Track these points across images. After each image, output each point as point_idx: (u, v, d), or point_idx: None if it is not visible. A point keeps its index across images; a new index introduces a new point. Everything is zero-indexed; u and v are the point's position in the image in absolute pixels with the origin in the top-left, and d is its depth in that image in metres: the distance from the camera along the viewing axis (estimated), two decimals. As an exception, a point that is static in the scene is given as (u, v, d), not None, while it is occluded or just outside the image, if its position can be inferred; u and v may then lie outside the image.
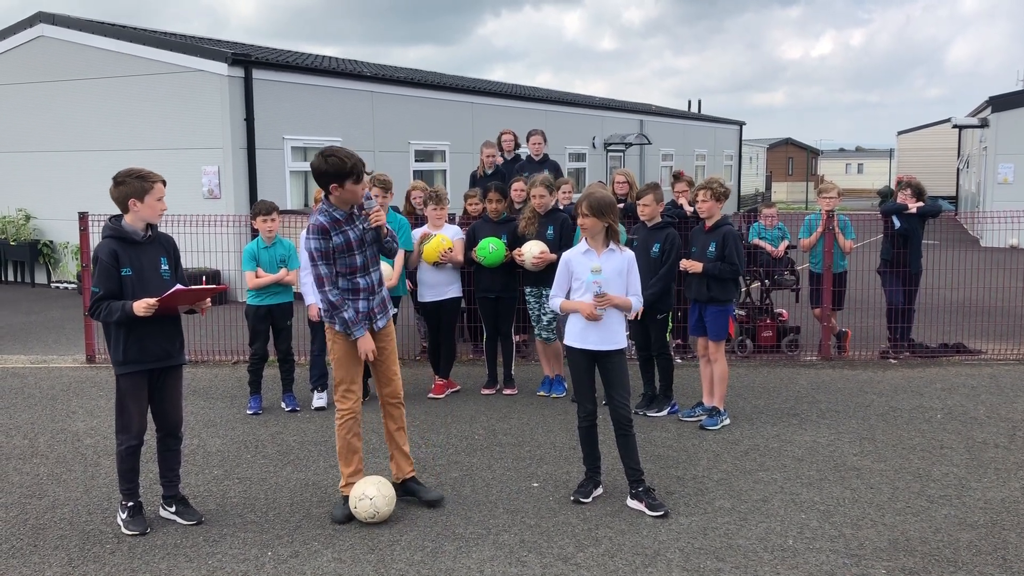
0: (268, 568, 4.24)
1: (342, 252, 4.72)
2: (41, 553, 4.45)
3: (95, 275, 4.60)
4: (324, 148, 4.76)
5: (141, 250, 4.66)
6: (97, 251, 4.62)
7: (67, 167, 15.30)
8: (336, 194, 4.69)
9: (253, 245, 7.10)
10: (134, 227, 4.65)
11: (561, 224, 7.41)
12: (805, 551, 4.39)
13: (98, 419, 6.93)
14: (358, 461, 4.90)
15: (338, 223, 4.72)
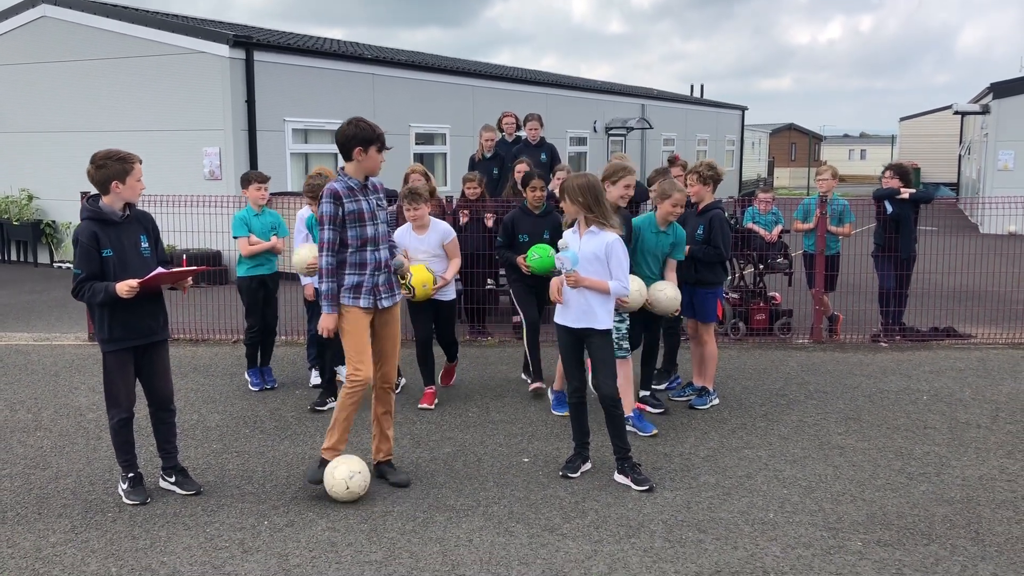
0: (264, 536, 4.38)
1: (354, 221, 4.82)
2: (45, 520, 4.59)
3: (76, 257, 4.68)
4: (348, 119, 4.90)
5: (120, 230, 4.74)
6: (77, 233, 4.68)
7: (69, 148, 15.39)
8: (359, 159, 4.81)
9: (244, 212, 7.22)
10: (112, 208, 4.73)
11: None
12: (785, 524, 4.52)
13: (99, 395, 7.03)
14: (341, 435, 4.99)
15: (352, 192, 4.84)
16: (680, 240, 6.19)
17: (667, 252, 6.14)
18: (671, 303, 6.03)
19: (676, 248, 6.19)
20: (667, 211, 6.07)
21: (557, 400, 6.46)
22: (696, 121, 33.63)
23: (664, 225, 6.13)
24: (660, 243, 6.12)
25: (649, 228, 6.12)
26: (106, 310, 4.64)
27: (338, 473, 4.78)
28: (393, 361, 5.11)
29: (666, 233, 6.14)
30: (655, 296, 5.98)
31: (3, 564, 4.10)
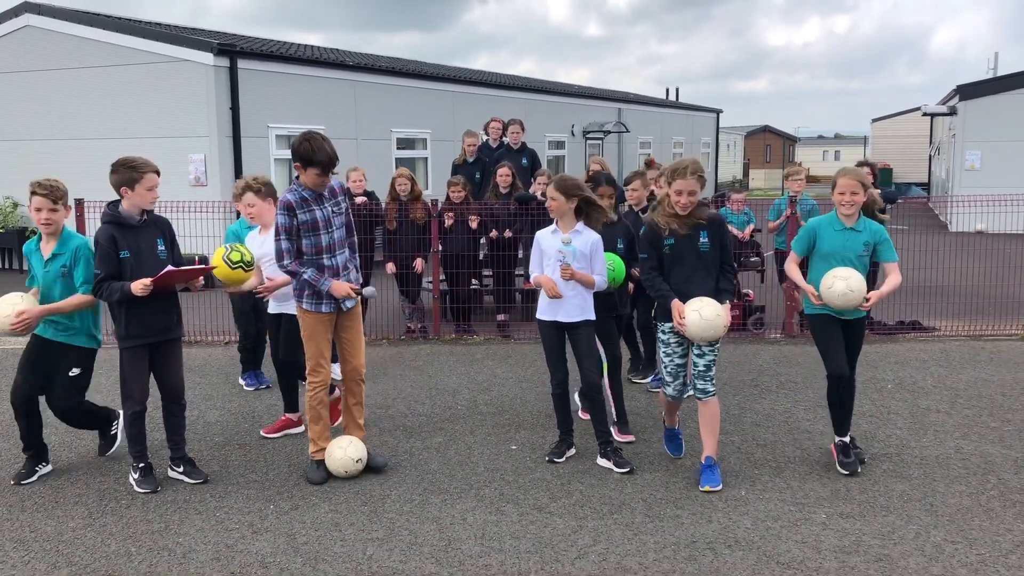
0: (271, 519, 4.68)
1: (308, 231, 5.04)
2: (63, 508, 4.87)
3: (96, 258, 4.99)
4: (307, 131, 5.06)
5: (138, 233, 5.04)
6: (97, 236, 5.01)
7: (54, 155, 15.54)
8: (299, 175, 5.04)
9: (236, 226, 7.46)
10: (130, 212, 5.04)
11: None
12: (755, 500, 4.88)
13: (101, 394, 7.31)
14: (324, 428, 5.30)
15: (306, 202, 5.05)
16: (882, 236, 5.21)
17: (861, 253, 5.15)
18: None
19: (883, 247, 5.21)
20: (841, 200, 5.15)
21: (669, 438, 5.60)
22: (672, 124, 34.12)
23: (850, 219, 5.17)
24: (850, 244, 5.15)
25: (831, 226, 5.22)
26: (123, 308, 4.93)
27: (337, 455, 5.13)
28: (359, 355, 5.35)
29: (855, 230, 5.18)
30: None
31: (28, 547, 4.38)
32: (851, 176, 5.16)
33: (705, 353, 5.09)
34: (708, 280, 5.02)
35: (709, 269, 5.03)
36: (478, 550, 4.28)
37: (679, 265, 5.02)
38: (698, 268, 5.01)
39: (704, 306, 4.86)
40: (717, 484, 5.02)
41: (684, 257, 5.01)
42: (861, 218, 5.21)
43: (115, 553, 4.29)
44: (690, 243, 5.00)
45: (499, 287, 9.86)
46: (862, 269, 5.11)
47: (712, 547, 4.31)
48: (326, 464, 5.20)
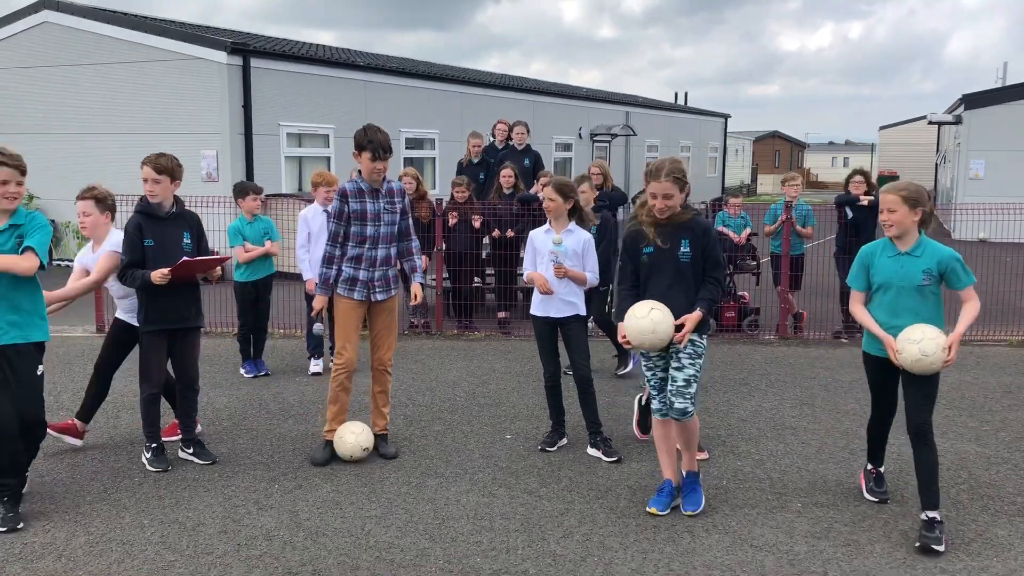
0: (276, 497, 4.95)
1: (356, 219, 5.40)
2: (80, 483, 5.15)
3: (123, 245, 5.29)
4: (368, 123, 5.47)
5: (164, 225, 5.34)
6: (126, 224, 5.32)
7: (69, 150, 15.89)
8: (356, 161, 5.40)
9: (237, 222, 7.85)
10: (158, 204, 5.33)
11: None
12: (736, 489, 5.13)
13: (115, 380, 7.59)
14: (340, 411, 5.59)
15: (360, 193, 5.41)
16: (948, 262, 4.40)
17: (922, 283, 4.39)
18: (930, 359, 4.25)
19: (951, 274, 4.41)
20: (881, 220, 4.51)
21: (660, 490, 4.90)
22: (679, 128, 34.34)
23: (902, 242, 4.43)
24: (907, 272, 4.42)
25: (884, 252, 4.51)
26: (145, 295, 5.22)
27: (349, 440, 5.41)
28: (387, 345, 5.67)
29: (911, 255, 4.42)
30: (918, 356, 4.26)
31: (48, 517, 4.65)
32: (890, 191, 4.39)
33: (684, 366, 4.58)
34: (688, 294, 4.58)
35: (689, 282, 4.59)
36: (470, 528, 4.55)
37: (656, 276, 4.62)
38: (677, 280, 4.58)
39: (653, 310, 4.47)
40: (699, 506, 4.74)
41: (662, 267, 4.61)
42: (921, 240, 4.42)
43: (129, 524, 4.57)
44: (670, 252, 4.60)
45: (501, 285, 10.12)
46: (927, 302, 4.40)
47: (691, 530, 4.56)
48: (335, 446, 5.46)
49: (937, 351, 4.25)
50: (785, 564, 4.19)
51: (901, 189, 4.41)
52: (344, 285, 5.46)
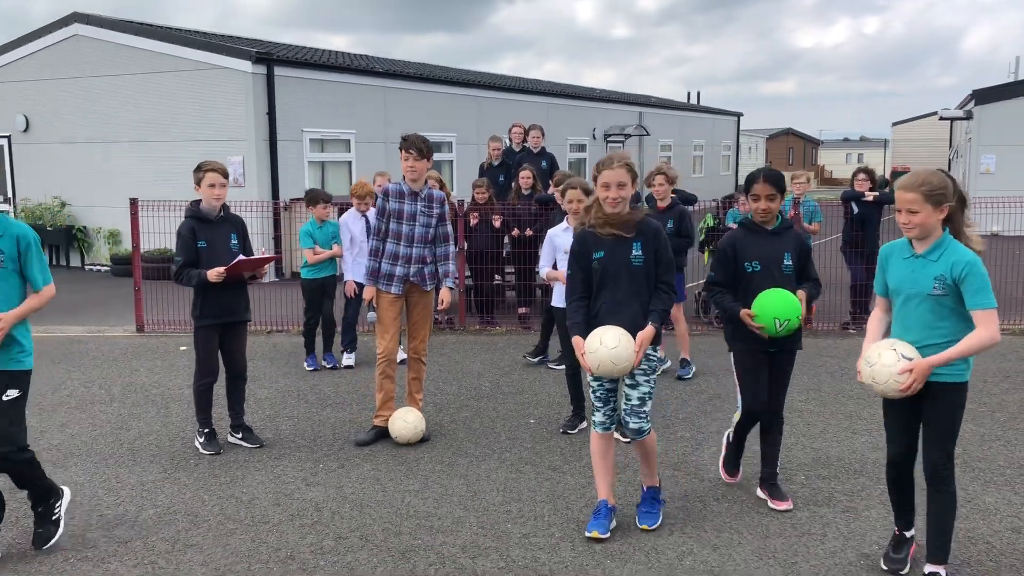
0: (321, 475, 5.41)
1: (394, 217, 5.89)
2: (141, 465, 5.63)
3: (177, 248, 5.77)
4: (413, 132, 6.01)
5: (214, 227, 5.81)
6: (180, 228, 5.79)
7: (100, 157, 16.45)
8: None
9: (309, 226, 8.40)
10: (208, 209, 5.80)
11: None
12: (744, 465, 5.52)
13: (159, 375, 8.10)
14: (387, 398, 6.04)
15: (401, 195, 5.91)
16: (964, 268, 3.65)
17: (933, 291, 3.71)
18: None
19: (967, 285, 3.65)
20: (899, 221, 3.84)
21: (596, 512, 4.57)
22: (692, 127, 34.66)
23: (921, 243, 3.77)
24: (918, 277, 3.76)
25: (900, 253, 3.89)
26: (199, 293, 5.69)
27: (410, 419, 5.92)
28: (421, 336, 6.13)
29: (927, 258, 3.74)
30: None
31: (117, 493, 5.13)
32: (909, 187, 3.67)
33: (639, 383, 4.37)
34: (636, 301, 4.32)
35: (642, 287, 4.33)
36: (500, 499, 4.99)
37: (608, 283, 4.33)
38: (630, 287, 4.32)
39: (609, 336, 4.17)
40: (656, 521, 4.57)
41: (613, 273, 4.32)
42: (941, 241, 3.71)
43: (191, 499, 5.04)
44: (621, 256, 4.32)
45: (521, 282, 10.55)
46: (943, 318, 3.72)
47: (702, 499, 4.98)
48: (395, 430, 5.92)
49: (889, 380, 3.70)
50: (788, 527, 4.61)
51: (922, 184, 3.62)
52: (383, 281, 5.92)
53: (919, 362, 3.67)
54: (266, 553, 4.33)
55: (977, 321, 3.67)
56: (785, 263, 4.70)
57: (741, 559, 4.25)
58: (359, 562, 4.23)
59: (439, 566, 4.18)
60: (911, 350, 3.72)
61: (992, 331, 3.63)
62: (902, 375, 3.67)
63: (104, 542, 4.48)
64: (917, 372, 3.66)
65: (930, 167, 3.89)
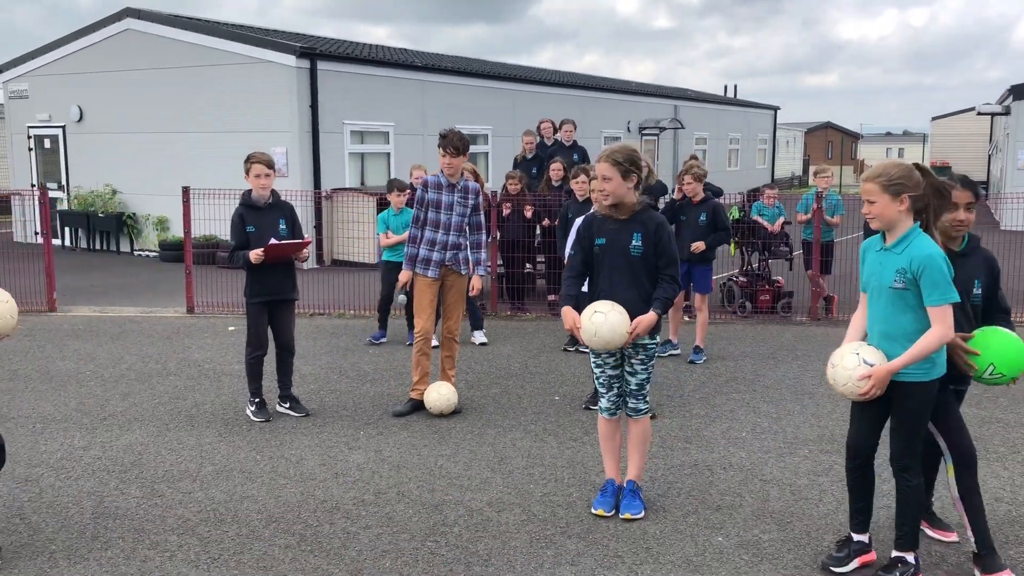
0: (363, 440, 5.91)
1: (431, 207, 6.37)
2: (199, 429, 6.17)
3: (230, 233, 6.29)
4: (451, 127, 6.46)
5: (262, 214, 6.32)
6: (232, 214, 6.30)
7: (149, 147, 17.15)
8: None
9: (385, 214, 9.04)
10: (258, 196, 6.31)
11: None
12: (752, 440, 5.95)
13: (211, 352, 8.68)
14: (423, 374, 6.52)
15: (439, 186, 6.38)
16: (922, 262, 3.67)
17: (893, 284, 3.75)
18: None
19: (924, 280, 3.68)
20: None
21: (604, 491, 4.84)
22: (728, 121, 34.78)
23: (889, 235, 3.82)
24: (883, 270, 3.82)
25: (873, 247, 3.95)
26: (250, 273, 6.21)
27: (444, 391, 6.42)
28: (455, 318, 6.60)
29: (892, 251, 3.79)
30: None
31: (179, 453, 5.67)
32: (868, 178, 3.78)
33: (637, 372, 4.64)
34: (634, 289, 4.49)
35: (637, 275, 4.49)
36: (524, 464, 5.45)
37: (606, 268, 4.55)
38: (626, 274, 4.50)
39: (609, 313, 4.36)
40: (638, 512, 4.67)
41: (612, 260, 4.53)
42: (909, 235, 3.75)
43: (245, 458, 5.57)
44: (621, 245, 4.51)
45: (551, 271, 10.99)
46: (902, 313, 3.75)
47: (711, 468, 5.41)
48: (431, 401, 6.41)
49: (848, 383, 3.79)
50: (787, 493, 5.02)
51: (879, 175, 3.73)
52: (421, 265, 6.40)
53: (878, 368, 3.71)
54: (313, 504, 4.84)
55: (931, 318, 3.66)
56: (975, 292, 3.93)
57: (741, 518, 4.67)
58: (396, 513, 4.72)
59: (467, 518, 4.66)
60: (875, 355, 3.76)
61: (944, 328, 3.65)
62: (861, 380, 3.73)
63: (171, 492, 5.02)
64: (876, 379, 3.72)
65: (900, 160, 3.91)
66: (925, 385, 3.78)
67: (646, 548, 4.31)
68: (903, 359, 3.71)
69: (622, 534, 4.47)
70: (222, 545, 4.34)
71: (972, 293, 3.98)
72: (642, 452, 4.78)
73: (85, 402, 6.89)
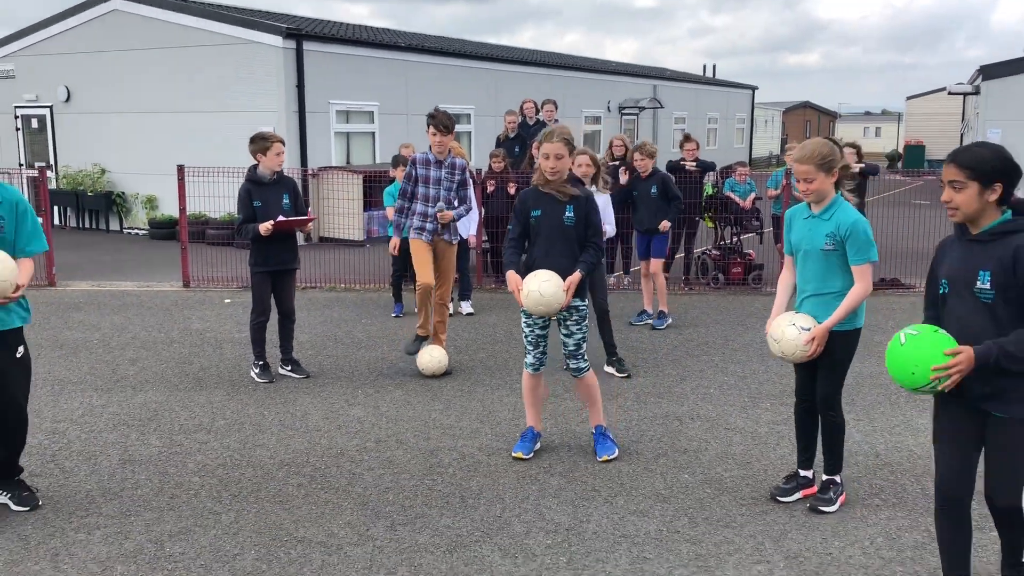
0: (361, 398, 6.40)
1: (421, 182, 6.84)
2: (208, 390, 6.64)
3: (237, 207, 6.73)
4: (437, 107, 6.93)
5: (268, 189, 6.76)
6: (239, 190, 6.73)
7: (138, 127, 17.43)
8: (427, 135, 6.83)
9: (392, 187, 9.53)
10: (263, 173, 6.75)
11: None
12: (719, 395, 6.49)
13: (210, 322, 9.12)
14: (425, 317, 6.98)
15: (427, 163, 6.84)
16: (849, 227, 4.19)
17: (825, 247, 4.23)
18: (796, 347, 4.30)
19: (849, 242, 4.20)
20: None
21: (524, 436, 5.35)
22: (707, 100, 35.28)
23: (816, 205, 4.30)
24: (813, 235, 4.30)
25: (800, 214, 4.43)
26: (255, 244, 6.66)
27: (435, 354, 6.89)
28: (447, 285, 7.09)
29: (820, 218, 4.27)
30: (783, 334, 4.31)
31: (191, 410, 6.14)
32: (802, 160, 4.22)
33: (573, 332, 5.11)
34: (567, 255, 4.96)
35: (570, 243, 4.98)
36: (510, 416, 5.97)
37: (541, 237, 5.01)
38: (559, 241, 4.97)
39: (545, 281, 4.83)
40: (612, 452, 5.16)
41: (547, 230, 4.98)
42: (833, 202, 4.25)
43: (254, 413, 6.05)
44: (556, 216, 4.97)
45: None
46: (832, 270, 4.26)
47: (680, 419, 5.94)
48: (419, 363, 6.91)
49: (796, 351, 4.28)
50: (749, 439, 5.56)
51: (814, 155, 4.17)
52: (415, 231, 6.87)
53: (817, 329, 4.23)
54: (320, 451, 5.33)
55: (856, 275, 4.21)
56: (979, 285, 3.25)
57: (706, 460, 5.21)
58: (396, 457, 5.22)
59: (460, 460, 5.17)
60: (807, 319, 4.27)
61: (866, 284, 4.22)
62: (806, 344, 4.22)
63: (188, 443, 5.50)
64: (818, 338, 4.22)
65: (819, 138, 4.37)
66: (848, 334, 4.34)
67: (620, 484, 4.84)
68: (835, 317, 4.23)
69: (599, 472, 5.00)
70: (240, 484, 4.82)
71: (975, 286, 3.24)
72: (596, 401, 5.27)
73: (96, 367, 7.33)
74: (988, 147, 3.23)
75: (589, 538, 4.19)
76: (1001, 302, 3.18)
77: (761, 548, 4.11)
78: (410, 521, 4.37)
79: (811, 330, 4.24)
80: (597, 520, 4.38)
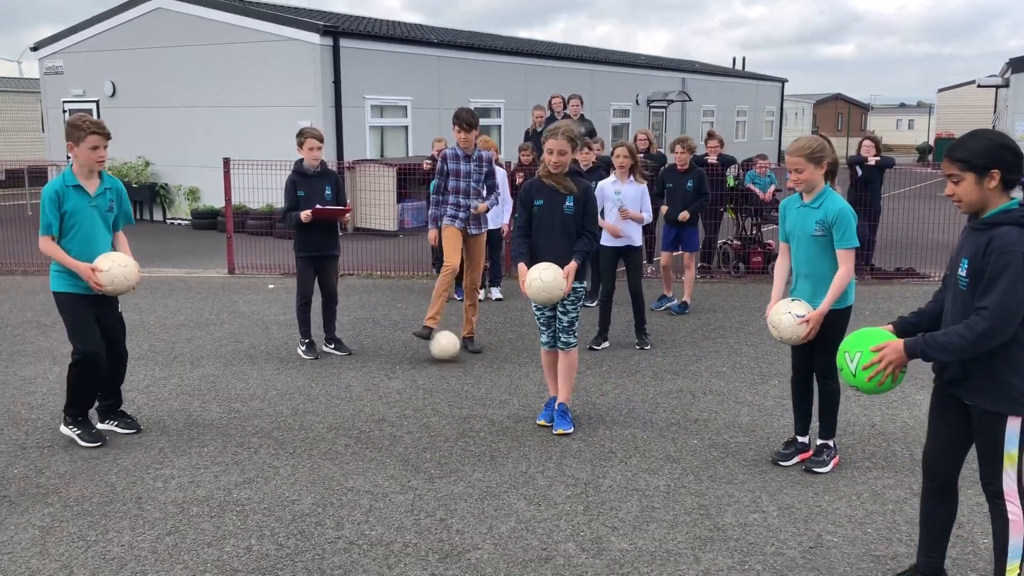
0: (399, 372, 6.98)
1: (452, 175, 7.33)
2: (259, 365, 7.23)
3: (284, 196, 7.31)
4: (462, 106, 7.42)
5: (312, 180, 7.33)
6: (286, 180, 7.31)
7: (181, 121, 18.15)
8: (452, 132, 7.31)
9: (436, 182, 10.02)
10: (309, 165, 7.32)
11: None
12: (731, 373, 6.97)
13: (256, 305, 9.73)
14: (438, 310, 7.46)
15: (456, 157, 7.32)
16: (836, 215, 4.64)
17: (814, 233, 4.68)
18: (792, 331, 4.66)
19: (836, 228, 4.64)
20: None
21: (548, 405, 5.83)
22: (735, 93, 35.46)
23: (807, 195, 4.75)
24: (804, 222, 4.74)
25: (793, 204, 4.89)
26: (298, 231, 7.24)
27: (444, 341, 7.36)
28: (478, 270, 7.62)
29: (811, 207, 4.72)
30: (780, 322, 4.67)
31: (245, 382, 6.74)
32: (794, 152, 4.68)
33: (568, 311, 5.53)
34: (566, 243, 5.39)
35: (571, 231, 5.41)
36: (535, 389, 6.50)
37: (543, 226, 5.44)
38: (559, 230, 5.40)
39: (544, 271, 5.25)
40: (569, 427, 5.55)
41: (549, 219, 5.42)
42: (823, 192, 4.68)
43: (302, 385, 6.63)
44: (556, 206, 5.40)
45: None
46: (823, 255, 4.69)
47: (693, 394, 6.43)
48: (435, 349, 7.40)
49: (793, 337, 4.66)
50: (755, 411, 6.04)
51: (804, 148, 4.64)
52: (448, 219, 7.40)
53: (812, 315, 4.62)
54: (364, 417, 5.90)
55: (840, 259, 4.65)
56: (959, 272, 3.32)
57: (715, 428, 5.71)
58: (432, 423, 5.78)
59: (490, 426, 5.71)
60: (802, 306, 4.66)
61: (848, 267, 4.65)
62: (800, 326, 4.61)
63: (245, 409, 6.09)
64: (813, 322, 4.62)
65: (812, 135, 4.91)
66: (840, 312, 4.77)
67: (634, 447, 5.35)
68: (826, 303, 4.65)
69: (616, 437, 5.51)
70: (295, 444, 5.40)
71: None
72: (569, 380, 5.67)
73: (156, 344, 7.96)
74: (982, 137, 3.25)
75: (604, 491, 4.71)
76: (972, 290, 3.21)
77: (758, 501, 4.60)
78: (446, 475, 4.92)
79: (805, 316, 4.64)
80: (612, 476, 4.90)
